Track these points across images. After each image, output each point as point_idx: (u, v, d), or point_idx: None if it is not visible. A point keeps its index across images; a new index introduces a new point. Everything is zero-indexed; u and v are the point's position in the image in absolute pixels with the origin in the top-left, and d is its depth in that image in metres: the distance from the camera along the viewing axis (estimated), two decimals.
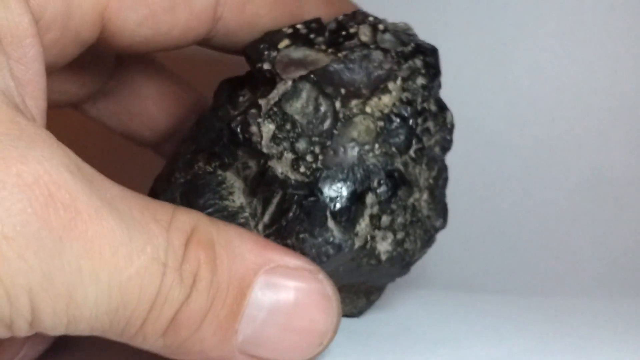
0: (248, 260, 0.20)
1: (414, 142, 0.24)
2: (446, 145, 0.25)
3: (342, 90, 0.23)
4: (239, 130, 0.23)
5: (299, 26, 0.24)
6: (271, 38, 0.24)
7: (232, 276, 0.19)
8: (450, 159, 0.25)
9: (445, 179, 0.25)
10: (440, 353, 0.24)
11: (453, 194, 0.26)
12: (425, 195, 0.24)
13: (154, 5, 0.22)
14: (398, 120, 0.23)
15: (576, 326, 0.28)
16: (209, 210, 0.23)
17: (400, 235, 0.24)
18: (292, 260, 0.20)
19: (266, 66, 0.23)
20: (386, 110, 0.23)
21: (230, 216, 0.23)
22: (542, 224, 0.35)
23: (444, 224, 0.25)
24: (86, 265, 0.17)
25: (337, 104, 0.23)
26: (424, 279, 0.33)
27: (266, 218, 0.22)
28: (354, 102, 0.23)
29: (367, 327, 0.27)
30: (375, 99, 0.23)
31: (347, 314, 0.27)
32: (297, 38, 0.24)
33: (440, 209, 0.25)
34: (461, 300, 0.31)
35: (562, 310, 0.31)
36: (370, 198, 0.23)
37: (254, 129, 0.23)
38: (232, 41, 0.25)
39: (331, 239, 0.22)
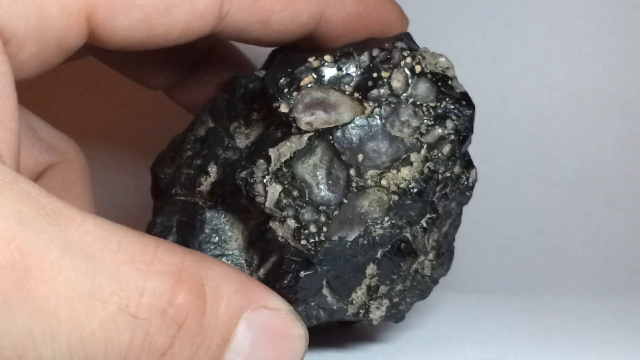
0: (234, 303, 0.18)
1: (427, 212, 0.22)
2: (464, 202, 0.23)
3: (360, 157, 0.21)
4: (243, 185, 0.21)
5: (327, 57, 0.22)
6: (294, 71, 0.22)
7: (218, 323, 0.18)
8: None
9: (457, 226, 0.24)
10: (434, 354, 0.24)
11: None
12: (430, 255, 0.23)
13: (147, 9, 0.20)
14: (415, 195, 0.21)
15: (568, 326, 0.28)
16: (205, 252, 0.22)
17: (396, 299, 0.23)
18: (274, 301, 0.19)
19: (284, 108, 0.21)
20: (403, 185, 0.21)
21: (224, 256, 0.22)
22: (535, 222, 0.35)
23: (446, 272, 0.24)
24: (37, 326, 0.16)
25: (352, 172, 0.21)
26: None
27: (261, 272, 0.22)
28: (370, 173, 0.21)
29: (360, 330, 0.27)
30: (394, 171, 0.21)
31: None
32: (323, 75, 0.21)
33: (446, 259, 0.24)
34: (453, 301, 0.31)
35: (554, 309, 0.31)
36: (370, 269, 0.22)
37: (259, 188, 0.21)
38: (243, 37, 0.23)
39: (324, 305, 0.22)
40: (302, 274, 0.21)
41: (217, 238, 0.22)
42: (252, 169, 0.21)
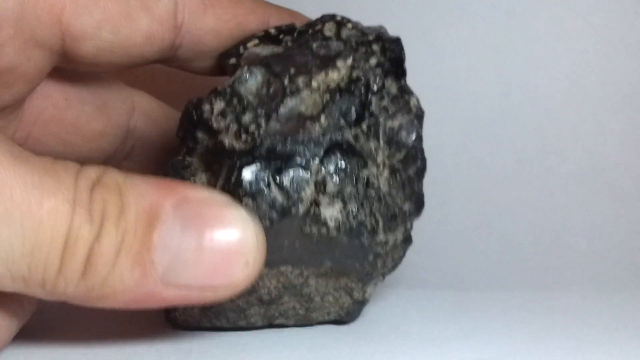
0: (155, 195, 0.20)
1: (366, 116, 0.24)
2: (413, 131, 0.25)
3: (292, 70, 0.24)
4: (192, 109, 0.24)
5: (271, 30, 0.25)
6: (243, 40, 0.25)
7: (139, 211, 0.20)
8: (443, 150, 0.25)
9: (421, 170, 0.25)
10: (431, 354, 0.24)
11: (445, 187, 0.26)
12: (385, 173, 0.25)
13: (109, 10, 0.23)
14: (345, 94, 0.24)
15: (571, 322, 0.28)
16: None
17: (352, 206, 0.24)
18: (201, 191, 0.21)
19: (232, 61, 0.25)
20: (332, 85, 0.24)
21: None
22: (537, 216, 0.35)
23: (416, 212, 0.25)
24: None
25: (286, 81, 0.24)
26: (416, 277, 0.33)
27: (218, 186, 0.23)
28: (301, 79, 0.24)
29: (356, 328, 0.27)
30: (322, 75, 0.24)
31: (336, 318, 0.27)
32: (266, 38, 0.25)
33: (411, 195, 0.25)
34: (453, 299, 0.31)
35: (557, 305, 0.30)
36: (315, 166, 0.23)
37: (206, 107, 0.24)
38: (201, 51, 0.26)
39: (274, 204, 0.23)
40: (245, 168, 0.23)
41: (180, 177, 0.24)
42: (202, 98, 0.24)
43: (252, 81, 0.24)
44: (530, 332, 0.26)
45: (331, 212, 0.24)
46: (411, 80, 0.25)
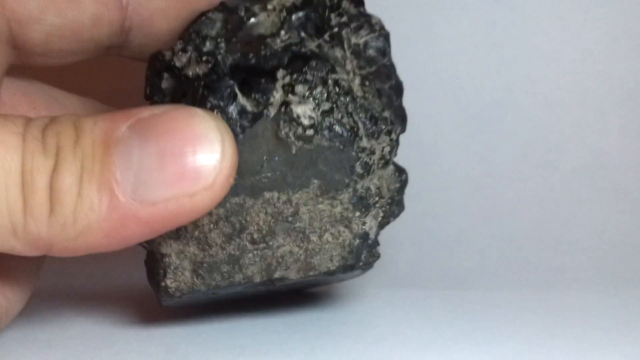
0: (109, 121, 0.20)
1: (327, 29, 0.24)
2: (381, 47, 0.25)
3: (247, 3, 0.24)
4: (154, 59, 0.24)
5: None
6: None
7: (95, 136, 0.20)
8: (443, 146, 0.25)
9: (397, 87, 0.25)
10: (430, 357, 0.24)
11: (445, 184, 0.26)
12: (357, 80, 0.24)
13: None
14: (303, 9, 0.24)
15: (574, 322, 0.28)
16: None
17: (325, 105, 0.24)
18: (155, 108, 0.21)
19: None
20: (288, 4, 0.24)
21: None
22: (539, 213, 0.35)
23: (400, 123, 0.25)
24: None
25: (242, 12, 0.23)
26: (415, 276, 0.33)
27: None
28: (256, 5, 0.24)
29: (353, 330, 0.26)
30: None
31: (343, 264, 0.25)
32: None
33: (390, 105, 0.25)
34: (452, 298, 0.31)
35: (559, 305, 0.30)
36: (280, 73, 0.23)
37: (167, 53, 0.24)
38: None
39: (243, 111, 0.23)
40: (209, 85, 0.23)
41: None
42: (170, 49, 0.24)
43: (213, 27, 0.24)
44: (532, 332, 0.26)
45: (303, 109, 0.23)
46: (411, 76, 0.25)
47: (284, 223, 0.24)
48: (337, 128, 0.24)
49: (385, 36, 0.25)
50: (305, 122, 0.23)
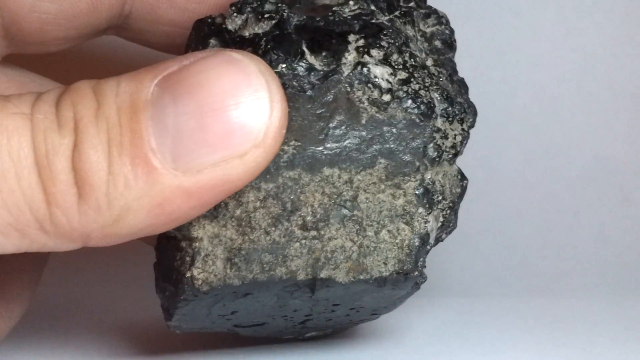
0: (133, 82, 0.17)
1: (397, 7, 0.22)
2: (448, 41, 0.23)
3: None
4: (203, 22, 0.21)
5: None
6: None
7: (120, 101, 0.17)
8: None
9: (464, 83, 0.23)
10: None
11: None
12: (429, 60, 0.22)
13: None
14: None
15: (579, 330, 0.28)
16: None
17: (402, 74, 0.21)
18: (186, 58, 0.18)
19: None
20: None
21: None
22: (543, 218, 0.34)
23: (471, 114, 0.23)
24: None
25: None
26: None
27: None
28: None
29: (359, 340, 0.26)
30: None
31: (397, 270, 0.22)
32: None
33: (461, 92, 0.23)
34: (458, 307, 0.31)
35: (562, 313, 0.30)
36: (352, 37, 0.21)
37: (218, 18, 0.21)
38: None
39: (312, 70, 0.20)
40: (272, 41, 0.20)
41: None
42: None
43: None
44: (537, 339, 0.26)
45: (381, 71, 0.21)
46: None
47: (341, 209, 0.21)
48: (414, 98, 0.21)
49: (452, 31, 0.23)
50: (383, 84, 0.21)
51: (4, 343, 0.24)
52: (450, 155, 0.22)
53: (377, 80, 0.21)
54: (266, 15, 0.21)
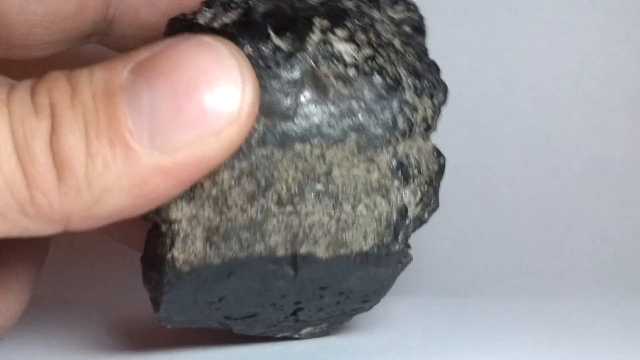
0: (106, 70, 0.18)
1: None
2: (417, 25, 0.23)
3: None
4: (175, 20, 0.22)
5: None
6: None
7: (94, 87, 0.18)
8: (443, 151, 0.25)
9: (435, 65, 0.23)
10: None
11: (445, 189, 0.25)
12: (396, 41, 0.23)
13: None
14: None
15: (576, 330, 0.28)
16: None
17: (367, 51, 0.22)
18: (157, 45, 0.18)
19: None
20: None
21: None
22: (540, 218, 0.34)
23: (441, 92, 0.23)
24: None
25: None
26: (416, 284, 0.33)
27: None
28: None
29: (353, 340, 0.26)
30: None
31: (378, 244, 0.22)
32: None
33: (430, 69, 0.23)
34: (453, 307, 0.31)
35: (559, 313, 0.30)
36: (317, 20, 0.21)
37: (189, 14, 0.22)
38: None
39: (278, 50, 0.21)
40: (239, 27, 0.21)
41: None
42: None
43: None
44: (534, 339, 0.26)
45: (345, 47, 0.21)
46: None
47: (316, 183, 0.21)
48: (380, 72, 0.22)
49: (421, 17, 0.23)
50: (347, 59, 0.21)
51: (2, 342, 0.24)
52: (422, 129, 0.22)
53: (341, 54, 0.21)
54: (233, 6, 0.21)
